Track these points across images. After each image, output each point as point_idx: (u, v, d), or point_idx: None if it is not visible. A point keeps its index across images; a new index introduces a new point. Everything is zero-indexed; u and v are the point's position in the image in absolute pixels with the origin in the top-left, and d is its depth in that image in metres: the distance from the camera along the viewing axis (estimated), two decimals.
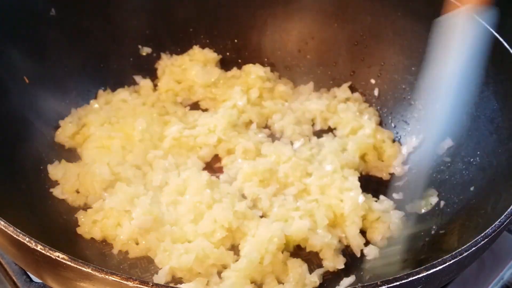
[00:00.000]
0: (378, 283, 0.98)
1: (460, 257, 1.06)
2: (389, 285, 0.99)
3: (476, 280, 1.55)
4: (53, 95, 1.73)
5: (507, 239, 1.62)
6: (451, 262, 1.05)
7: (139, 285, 0.93)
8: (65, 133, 1.71)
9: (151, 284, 0.93)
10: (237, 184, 1.65)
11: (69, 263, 0.95)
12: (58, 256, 0.96)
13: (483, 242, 1.09)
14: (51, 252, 0.96)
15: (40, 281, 1.38)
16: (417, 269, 1.02)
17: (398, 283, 0.99)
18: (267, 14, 2.02)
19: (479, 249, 1.09)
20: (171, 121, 1.79)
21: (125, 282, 0.93)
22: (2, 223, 1.01)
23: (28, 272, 1.41)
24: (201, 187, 1.57)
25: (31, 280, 1.40)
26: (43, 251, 0.97)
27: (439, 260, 1.04)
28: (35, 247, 0.98)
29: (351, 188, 1.58)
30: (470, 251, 1.07)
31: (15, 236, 0.99)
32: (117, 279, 0.93)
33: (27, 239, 0.98)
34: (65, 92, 1.77)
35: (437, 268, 1.03)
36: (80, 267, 0.94)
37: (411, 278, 1.01)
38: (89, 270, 0.94)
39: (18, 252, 1.09)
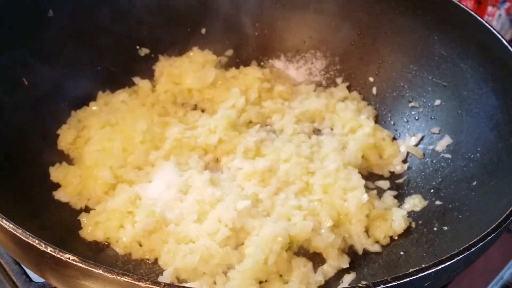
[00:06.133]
0: (389, 279, 0.99)
1: (468, 252, 1.06)
2: (399, 281, 0.99)
3: (476, 280, 1.56)
4: (52, 97, 1.72)
5: (507, 239, 1.63)
6: (459, 257, 1.05)
7: (151, 286, 0.92)
8: (66, 140, 1.71)
9: (163, 285, 0.93)
10: (238, 184, 1.65)
11: (80, 264, 0.95)
12: (69, 258, 0.95)
13: (490, 237, 1.10)
14: (61, 254, 0.96)
15: (39, 281, 1.38)
16: (426, 265, 1.03)
17: (408, 279, 1.00)
18: (265, 14, 2.02)
19: (486, 244, 1.10)
20: (172, 122, 1.79)
21: (137, 283, 0.93)
22: (11, 225, 1.01)
23: (27, 272, 1.40)
24: (204, 186, 1.57)
25: (30, 280, 1.40)
26: (53, 253, 0.96)
27: (447, 256, 1.05)
28: (45, 249, 0.97)
29: (356, 186, 1.58)
30: (477, 246, 1.08)
31: (24, 238, 0.99)
32: (129, 280, 0.93)
33: (36, 241, 0.98)
34: (64, 94, 1.76)
35: (446, 264, 1.04)
36: (91, 269, 0.94)
37: (420, 274, 1.01)
38: (100, 272, 0.94)
39: (25, 254, 1.09)
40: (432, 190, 1.64)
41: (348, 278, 1.47)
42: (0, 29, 1.59)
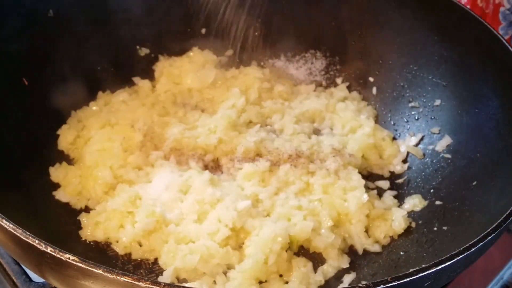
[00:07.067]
0: (389, 279, 0.99)
1: (468, 252, 1.07)
2: (399, 281, 0.99)
3: (476, 280, 1.56)
4: (53, 97, 1.72)
5: (507, 239, 1.63)
6: (459, 257, 1.05)
7: (151, 286, 0.93)
8: (66, 140, 1.71)
9: (163, 285, 0.93)
10: (238, 184, 1.65)
11: (80, 264, 0.95)
12: (69, 258, 0.96)
13: (490, 237, 1.10)
14: (61, 254, 0.96)
15: (39, 281, 1.38)
16: (426, 265, 1.03)
17: (408, 279, 1.00)
18: (265, 14, 2.01)
19: (486, 244, 1.10)
20: (172, 122, 1.78)
21: (136, 283, 0.93)
22: (11, 225, 1.01)
23: (28, 272, 1.40)
24: (204, 186, 1.57)
25: (30, 280, 1.40)
26: (53, 253, 0.96)
27: (447, 256, 1.05)
28: (45, 249, 0.97)
29: (356, 186, 1.59)
30: (477, 246, 1.08)
31: (24, 238, 0.99)
32: (129, 280, 0.93)
33: (36, 241, 0.98)
34: (65, 94, 1.76)
35: (446, 264, 1.04)
36: (91, 269, 0.94)
37: (420, 274, 1.01)
38: (100, 272, 0.94)
39: (25, 254, 1.09)
40: (432, 190, 1.64)
41: (348, 278, 1.46)
42: (0, 29, 1.59)
